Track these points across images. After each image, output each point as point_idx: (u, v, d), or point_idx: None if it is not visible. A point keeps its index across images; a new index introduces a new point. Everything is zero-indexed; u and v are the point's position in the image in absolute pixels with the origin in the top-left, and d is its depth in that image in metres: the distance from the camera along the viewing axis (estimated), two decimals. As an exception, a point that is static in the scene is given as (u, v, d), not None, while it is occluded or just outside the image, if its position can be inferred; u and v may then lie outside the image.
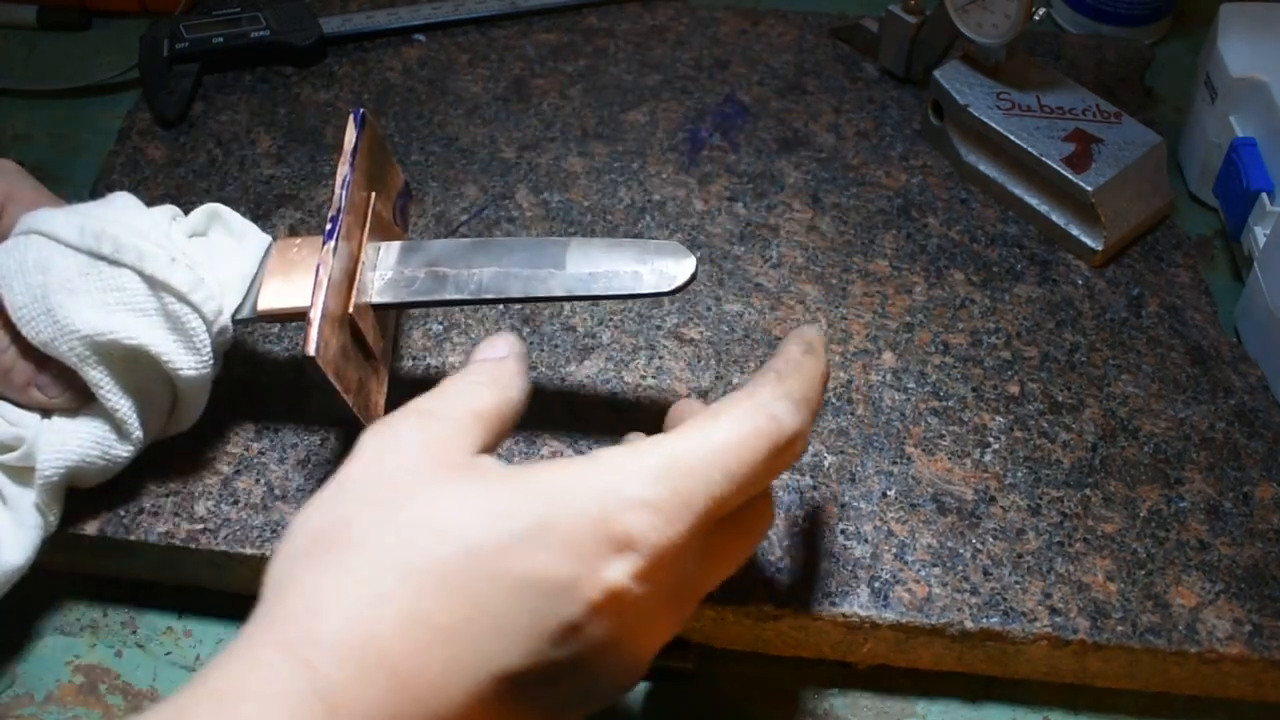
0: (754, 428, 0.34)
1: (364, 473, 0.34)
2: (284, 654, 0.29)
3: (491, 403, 0.36)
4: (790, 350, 0.38)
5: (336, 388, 0.41)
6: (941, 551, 0.45)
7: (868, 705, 0.46)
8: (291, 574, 0.32)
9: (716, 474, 0.33)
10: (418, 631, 0.30)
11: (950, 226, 0.58)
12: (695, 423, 0.35)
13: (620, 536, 0.32)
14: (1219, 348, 0.53)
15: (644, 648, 0.34)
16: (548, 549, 0.31)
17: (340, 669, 0.29)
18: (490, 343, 0.39)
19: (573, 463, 0.33)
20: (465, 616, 0.31)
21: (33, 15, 0.73)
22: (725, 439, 0.34)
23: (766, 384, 0.36)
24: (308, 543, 0.32)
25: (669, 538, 0.32)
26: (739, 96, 0.65)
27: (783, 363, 0.37)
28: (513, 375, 0.37)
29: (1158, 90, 0.69)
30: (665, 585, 0.33)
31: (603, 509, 0.32)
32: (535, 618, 0.31)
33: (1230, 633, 0.43)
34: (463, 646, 0.31)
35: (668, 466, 0.33)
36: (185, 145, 0.62)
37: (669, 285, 0.43)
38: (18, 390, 0.44)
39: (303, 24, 0.67)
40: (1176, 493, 0.48)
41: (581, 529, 0.32)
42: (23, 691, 0.46)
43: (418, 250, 0.46)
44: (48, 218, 0.43)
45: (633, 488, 0.32)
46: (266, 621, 0.31)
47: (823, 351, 0.39)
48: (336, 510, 0.33)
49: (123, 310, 0.42)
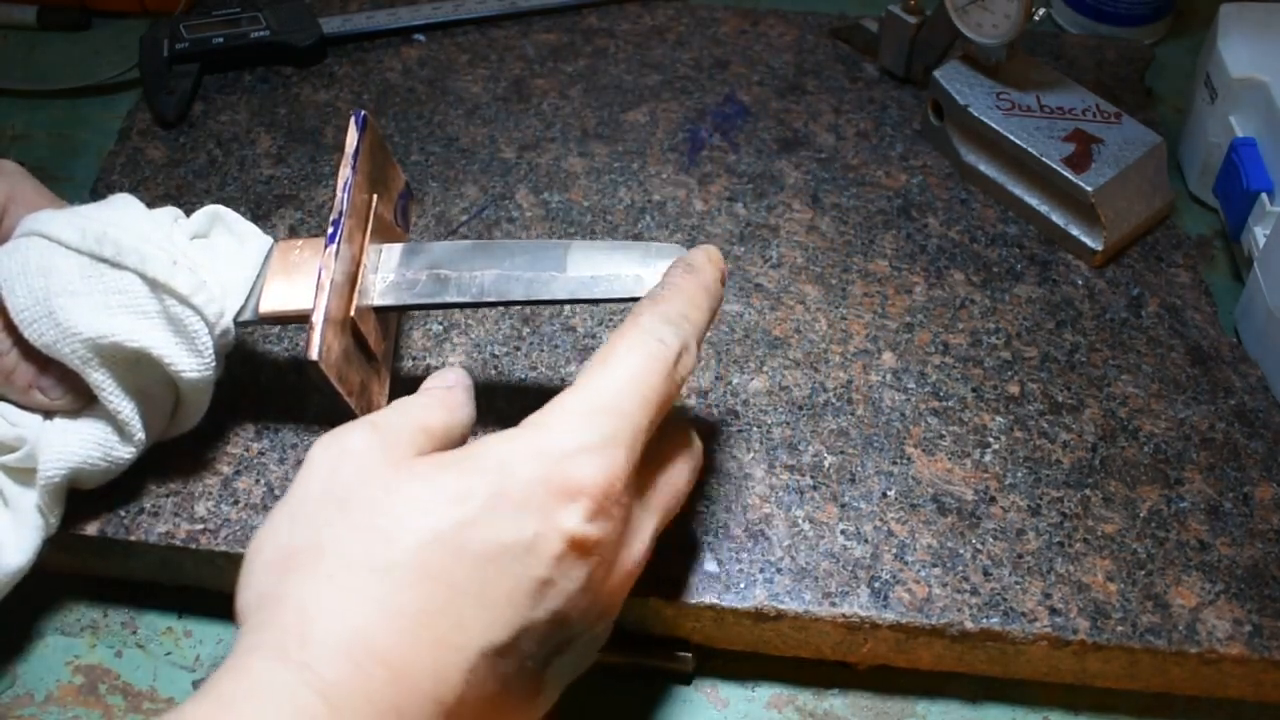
0: (645, 353, 0.37)
1: (321, 486, 0.35)
2: (282, 661, 0.30)
3: (440, 420, 0.38)
4: (671, 274, 0.41)
5: (340, 391, 0.41)
6: (941, 552, 0.46)
7: (868, 705, 0.46)
8: (271, 591, 0.33)
9: (629, 404, 0.36)
10: (402, 622, 0.32)
11: (950, 226, 0.58)
12: (595, 364, 0.37)
13: (568, 485, 0.34)
14: (1219, 348, 0.53)
15: (613, 589, 0.36)
16: (505, 517, 0.33)
17: (336, 668, 0.30)
18: (440, 374, 0.41)
19: (503, 435, 0.35)
20: (444, 599, 0.32)
21: (33, 15, 0.73)
22: (627, 371, 0.36)
23: (645, 310, 0.38)
24: (280, 560, 0.33)
25: (608, 475, 0.35)
26: (739, 96, 0.65)
27: (661, 287, 0.40)
28: (460, 403, 0.40)
29: (1158, 90, 0.69)
30: (618, 521, 0.35)
31: (545, 465, 0.34)
32: (509, 584, 0.33)
33: (1230, 633, 0.43)
34: (447, 629, 0.32)
35: (589, 411, 0.35)
36: (185, 145, 0.62)
37: None
38: (20, 392, 0.44)
39: (303, 24, 0.67)
40: (1176, 493, 0.48)
41: (530, 488, 0.34)
42: (23, 691, 0.46)
43: (419, 253, 0.46)
44: (50, 220, 0.43)
45: (565, 439, 0.35)
46: (255, 638, 0.32)
47: (707, 267, 0.41)
48: (300, 525, 0.34)
49: (125, 313, 0.42)
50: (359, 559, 0.32)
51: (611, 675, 0.46)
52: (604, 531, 0.35)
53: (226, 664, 0.31)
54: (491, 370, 0.52)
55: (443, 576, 0.32)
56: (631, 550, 0.37)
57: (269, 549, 0.34)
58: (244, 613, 0.33)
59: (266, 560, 0.34)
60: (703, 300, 0.40)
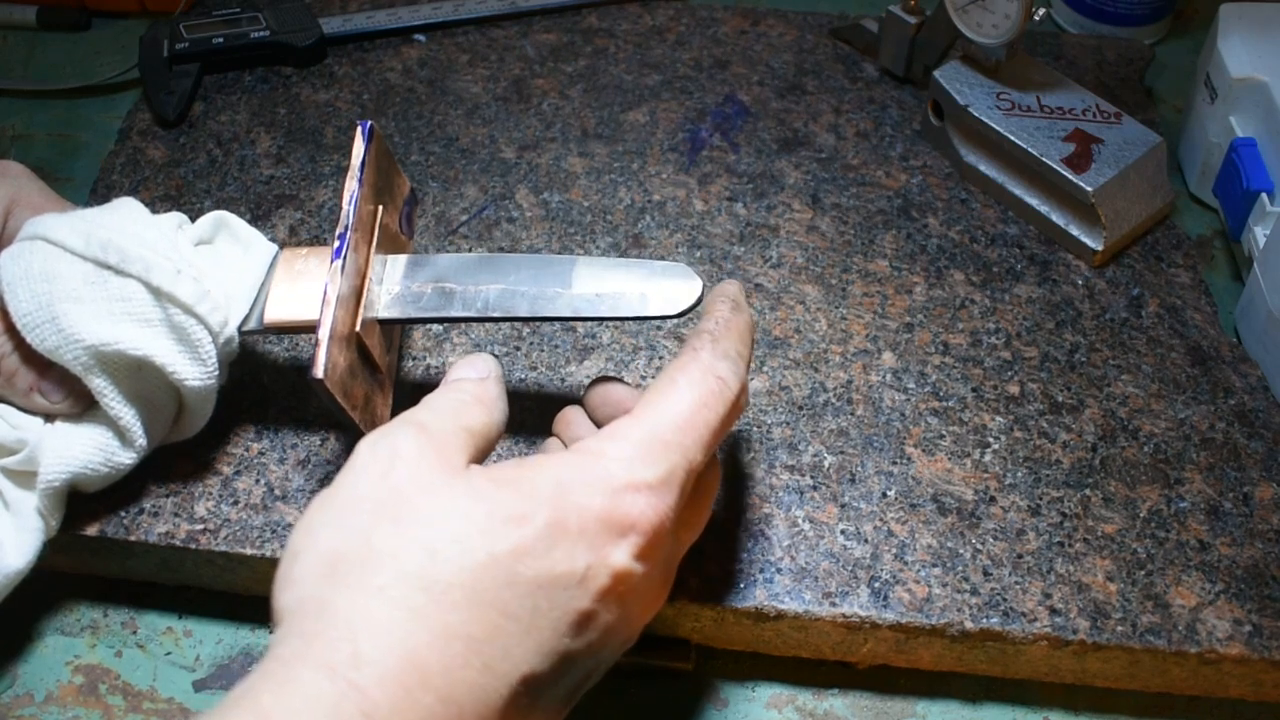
0: (706, 392, 0.37)
1: (370, 489, 0.34)
2: (329, 677, 0.30)
3: (480, 421, 0.38)
4: (719, 309, 0.40)
5: (344, 407, 0.41)
6: (941, 552, 0.46)
7: (868, 705, 0.46)
8: (319, 596, 0.32)
9: (689, 442, 0.36)
10: (453, 646, 0.31)
11: (950, 226, 0.58)
12: (655, 396, 0.36)
13: (623, 521, 0.34)
14: (1219, 348, 0.53)
15: (641, 620, 0.37)
16: (560, 547, 0.33)
17: (386, 693, 0.30)
18: (469, 362, 0.40)
19: (562, 459, 0.35)
20: (494, 625, 0.32)
21: (33, 15, 0.73)
22: (688, 407, 0.36)
23: (705, 347, 0.38)
24: (328, 564, 0.32)
25: (661, 513, 0.34)
26: (739, 96, 0.65)
27: (714, 323, 0.39)
28: (495, 398, 0.39)
29: (1158, 90, 0.69)
30: (659, 558, 0.35)
31: (602, 497, 0.34)
32: (556, 614, 0.33)
33: (1230, 633, 0.43)
34: (494, 655, 0.32)
35: (649, 444, 0.35)
36: (185, 145, 0.62)
37: (675, 309, 0.43)
38: (21, 395, 0.44)
39: (303, 24, 0.67)
40: (1176, 493, 0.48)
41: (587, 521, 0.33)
42: (23, 691, 0.46)
43: (424, 265, 0.46)
44: (54, 225, 0.43)
45: (625, 472, 0.34)
46: (302, 643, 0.31)
47: (746, 304, 0.41)
48: (349, 529, 0.33)
49: (128, 320, 0.42)
50: (411, 574, 0.32)
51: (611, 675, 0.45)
52: (647, 568, 0.35)
53: (267, 668, 0.31)
54: (491, 370, 0.52)
55: (494, 602, 0.32)
56: (663, 585, 0.37)
57: (313, 550, 0.33)
58: (283, 613, 0.32)
59: (311, 562, 0.33)
60: (750, 339, 0.40)
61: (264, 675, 0.30)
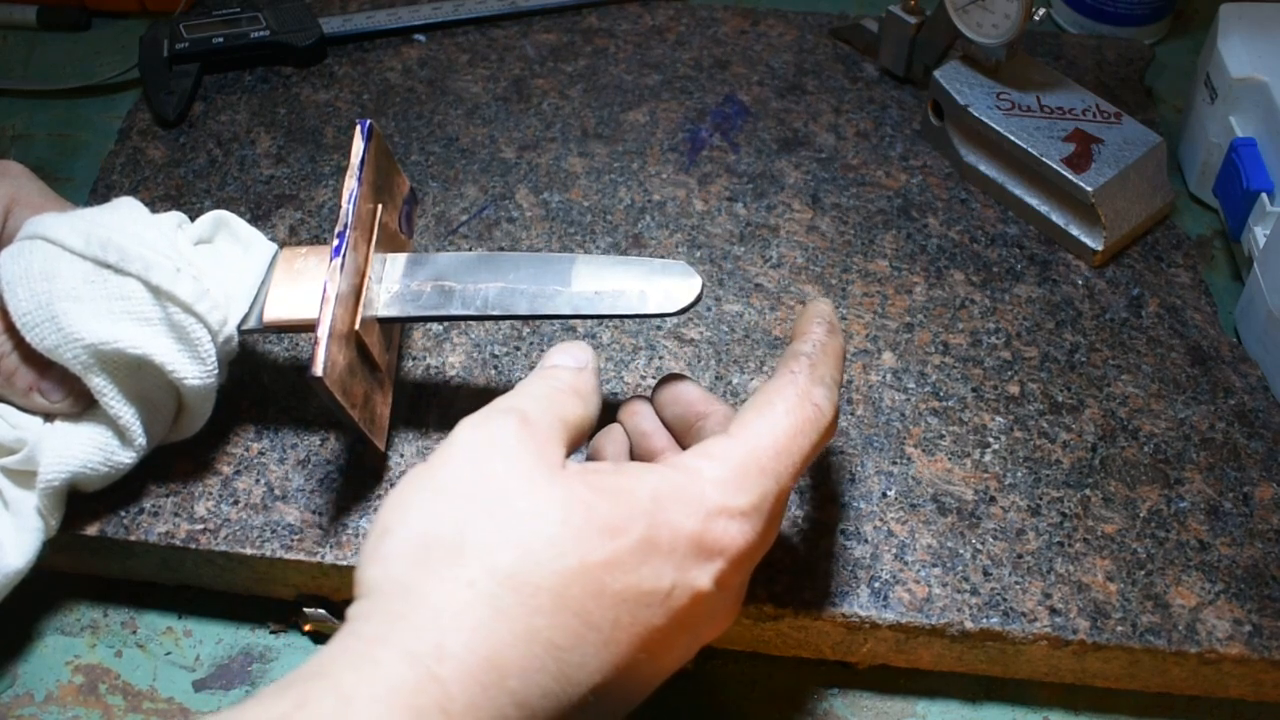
0: (803, 418, 0.36)
1: (469, 473, 0.34)
2: (412, 665, 0.30)
3: (578, 414, 0.37)
4: (815, 331, 0.39)
5: (343, 405, 0.41)
6: (941, 552, 0.46)
7: (868, 705, 0.46)
8: (407, 578, 0.32)
9: (783, 469, 0.35)
10: (534, 649, 0.31)
11: (950, 226, 0.58)
12: (753, 418, 0.36)
13: (712, 546, 0.34)
14: (1219, 348, 0.53)
15: (705, 641, 0.36)
16: (650, 564, 0.33)
17: (466, 690, 0.30)
18: (566, 349, 0.40)
19: (660, 473, 0.35)
20: (576, 633, 0.32)
21: (33, 15, 0.73)
22: (785, 433, 0.36)
23: (803, 371, 0.38)
24: (419, 547, 0.32)
25: (749, 540, 0.34)
26: (739, 96, 0.65)
27: (810, 345, 0.39)
28: (591, 390, 0.39)
29: (1158, 90, 0.69)
30: (737, 583, 0.35)
31: (696, 520, 0.34)
32: (635, 629, 0.32)
33: (1230, 633, 0.43)
34: (571, 663, 0.31)
35: (745, 467, 0.35)
36: (185, 145, 0.62)
37: (674, 306, 0.43)
38: (20, 394, 0.44)
39: (303, 24, 0.67)
40: (1176, 493, 0.48)
41: (678, 541, 0.33)
42: (23, 691, 0.46)
43: (424, 264, 0.46)
44: (54, 224, 0.43)
45: (719, 496, 0.34)
46: (385, 625, 0.31)
47: (839, 325, 0.41)
48: (443, 513, 0.33)
49: (127, 319, 0.42)
50: (502, 571, 0.31)
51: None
52: (724, 593, 0.35)
53: (346, 644, 0.31)
54: (491, 370, 0.52)
55: (580, 610, 0.32)
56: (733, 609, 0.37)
57: (405, 529, 0.33)
58: (367, 587, 0.32)
59: (401, 541, 0.33)
60: (842, 364, 0.40)
61: (343, 651, 0.30)
